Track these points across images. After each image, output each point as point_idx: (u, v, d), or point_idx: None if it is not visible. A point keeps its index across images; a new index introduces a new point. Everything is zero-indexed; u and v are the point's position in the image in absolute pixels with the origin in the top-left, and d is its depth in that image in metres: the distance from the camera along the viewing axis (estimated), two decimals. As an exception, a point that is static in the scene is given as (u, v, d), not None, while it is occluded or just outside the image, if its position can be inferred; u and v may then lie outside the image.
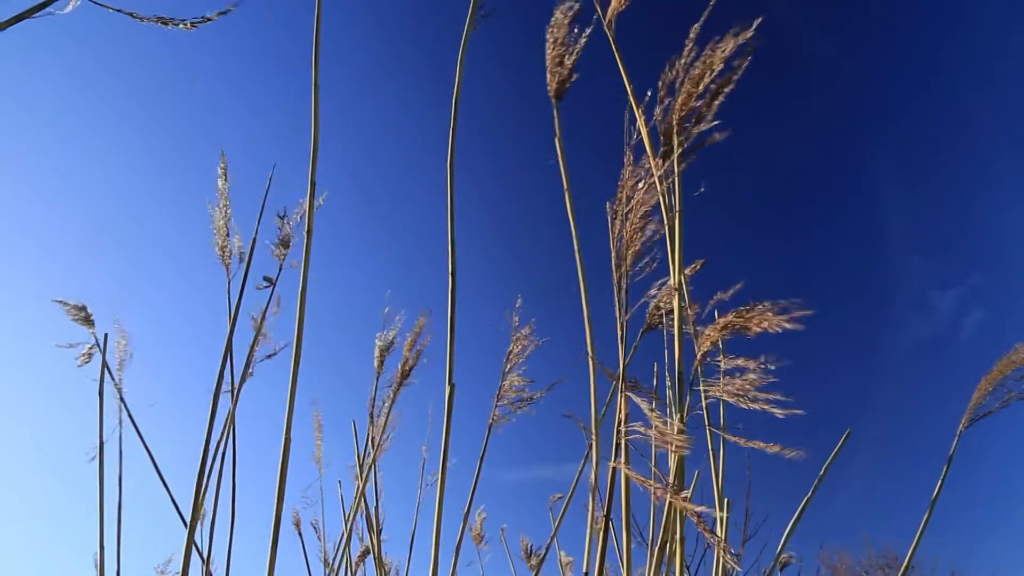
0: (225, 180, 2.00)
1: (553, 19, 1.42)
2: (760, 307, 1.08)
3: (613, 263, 1.16)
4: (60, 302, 2.34)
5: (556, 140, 1.46)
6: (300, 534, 2.89)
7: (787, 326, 1.05)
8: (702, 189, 1.22)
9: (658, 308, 1.46)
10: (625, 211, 1.24)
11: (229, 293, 1.98)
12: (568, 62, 1.42)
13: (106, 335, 2.36)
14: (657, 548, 1.35)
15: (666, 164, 1.18)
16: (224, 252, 1.99)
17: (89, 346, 2.34)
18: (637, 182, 1.17)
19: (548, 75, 1.45)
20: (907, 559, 1.87)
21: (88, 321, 2.34)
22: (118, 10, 0.97)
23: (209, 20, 1.06)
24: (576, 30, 1.42)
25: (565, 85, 1.44)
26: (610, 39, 1.38)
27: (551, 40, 1.43)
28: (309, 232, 1.46)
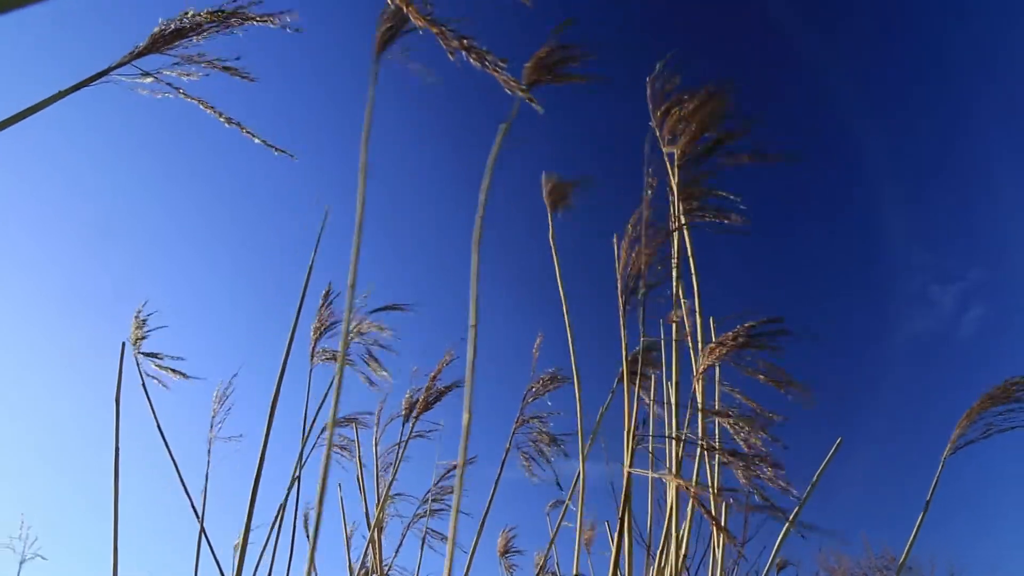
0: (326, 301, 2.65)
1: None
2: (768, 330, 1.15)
3: (619, 287, 1.23)
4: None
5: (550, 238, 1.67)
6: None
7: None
8: (706, 217, 1.29)
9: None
10: (636, 232, 1.31)
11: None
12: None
13: (124, 343, 2.43)
14: (658, 551, 1.42)
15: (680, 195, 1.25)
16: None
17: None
18: (643, 216, 1.24)
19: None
20: (900, 565, 1.94)
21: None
22: (168, 84, 1.04)
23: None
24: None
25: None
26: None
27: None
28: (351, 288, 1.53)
